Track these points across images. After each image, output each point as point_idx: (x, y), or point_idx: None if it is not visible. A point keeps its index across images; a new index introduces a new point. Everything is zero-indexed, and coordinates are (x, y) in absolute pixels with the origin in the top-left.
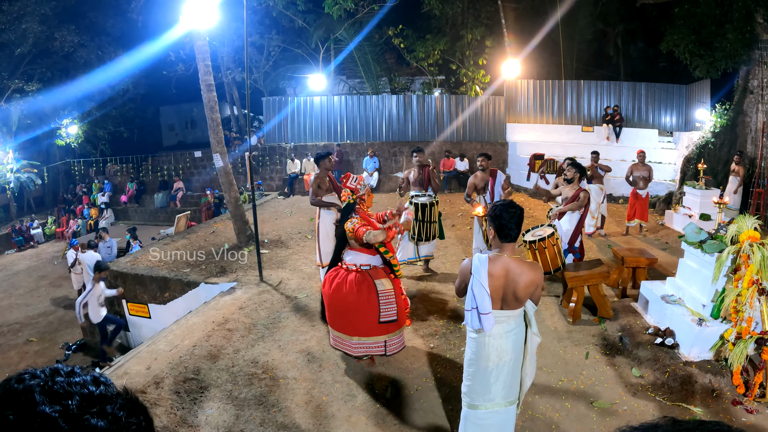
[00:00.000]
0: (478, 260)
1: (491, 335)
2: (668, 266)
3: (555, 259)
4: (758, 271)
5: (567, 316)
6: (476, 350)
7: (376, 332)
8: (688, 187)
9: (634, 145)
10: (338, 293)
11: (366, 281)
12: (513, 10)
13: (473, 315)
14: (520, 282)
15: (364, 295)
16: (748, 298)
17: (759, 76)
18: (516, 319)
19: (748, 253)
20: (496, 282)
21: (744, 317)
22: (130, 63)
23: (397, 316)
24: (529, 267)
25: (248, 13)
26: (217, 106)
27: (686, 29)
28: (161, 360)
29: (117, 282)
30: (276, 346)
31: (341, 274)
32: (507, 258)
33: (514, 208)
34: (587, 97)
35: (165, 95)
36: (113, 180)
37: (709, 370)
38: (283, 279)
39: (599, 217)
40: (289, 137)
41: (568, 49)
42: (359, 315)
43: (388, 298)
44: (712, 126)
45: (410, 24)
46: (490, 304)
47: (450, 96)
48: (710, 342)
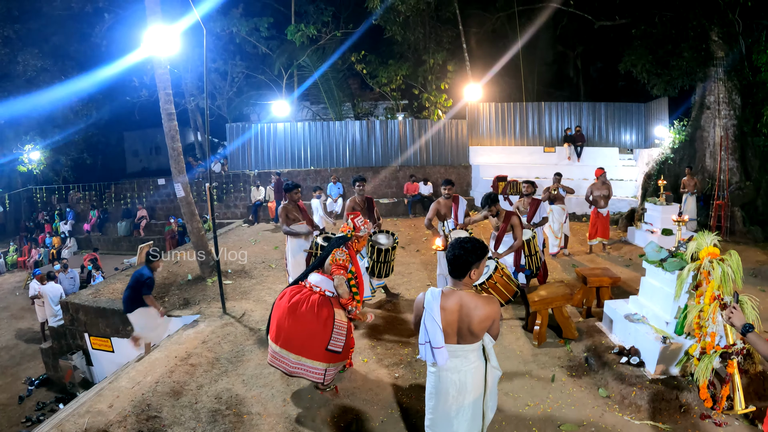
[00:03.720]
0: (431, 295)
1: (448, 369)
2: (632, 283)
3: (508, 286)
4: (719, 286)
5: (532, 339)
6: (435, 384)
7: (319, 358)
8: (649, 203)
9: (596, 163)
10: (295, 309)
11: (327, 306)
12: (474, 34)
13: (426, 349)
14: (475, 317)
15: (321, 320)
16: (710, 314)
17: (715, 92)
18: (474, 354)
19: (709, 269)
20: (450, 316)
21: (707, 332)
22: (93, 88)
23: (342, 349)
24: (485, 301)
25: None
26: (178, 135)
27: (643, 49)
28: (123, 397)
29: (79, 315)
30: (240, 381)
31: (304, 292)
32: (461, 292)
33: (469, 243)
34: (548, 118)
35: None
36: (76, 208)
37: (675, 386)
38: (246, 310)
39: (562, 237)
40: (252, 164)
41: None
42: (310, 336)
43: (341, 329)
44: (671, 142)
45: (373, 50)
46: (442, 338)
47: (413, 120)
48: (675, 358)
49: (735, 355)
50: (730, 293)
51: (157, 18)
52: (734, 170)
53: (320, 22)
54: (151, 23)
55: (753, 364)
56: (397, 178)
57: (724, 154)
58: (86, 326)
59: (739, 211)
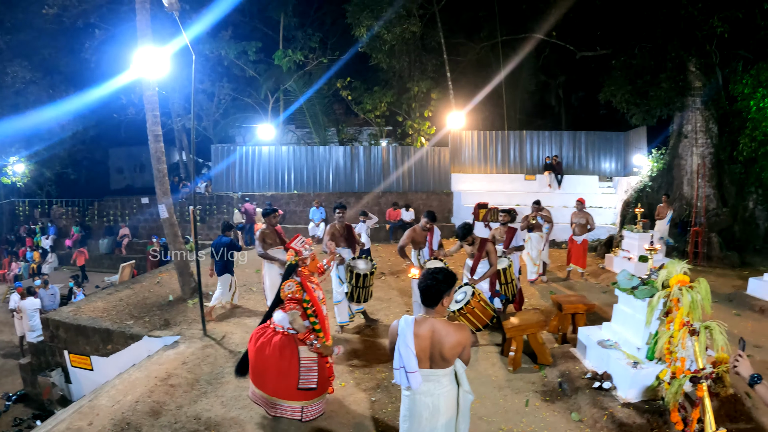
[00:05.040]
0: (404, 322)
1: (421, 393)
2: (609, 309)
3: (485, 311)
4: (688, 313)
5: (507, 364)
6: (409, 407)
7: (294, 397)
8: (627, 230)
9: (576, 191)
10: (261, 353)
11: (290, 346)
12: (458, 63)
13: (401, 373)
14: (446, 343)
15: (285, 360)
16: (680, 339)
17: (693, 122)
18: (446, 378)
19: (678, 296)
20: (423, 342)
21: (678, 357)
22: (80, 103)
23: (317, 384)
24: (456, 329)
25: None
26: (164, 157)
27: (623, 80)
28: (103, 416)
29: (59, 332)
30: (219, 402)
31: (267, 334)
32: (433, 320)
33: (440, 273)
34: (530, 146)
35: (115, 138)
36: (58, 223)
37: (646, 410)
38: (227, 333)
39: (541, 264)
40: (237, 186)
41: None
42: (279, 378)
43: (309, 365)
44: (650, 170)
45: (358, 76)
46: (415, 363)
47: (396, 147)
48: (646, 383)
49: (704, 379)
50: (699, 319)
51: (147, 39)
52: (711, 197)
53: (308, 47)
54: (142, 44)
55: (724, 387)
56: (380, 203)
57: (701, 181)
58: (66, 343)
59: (716, 237)
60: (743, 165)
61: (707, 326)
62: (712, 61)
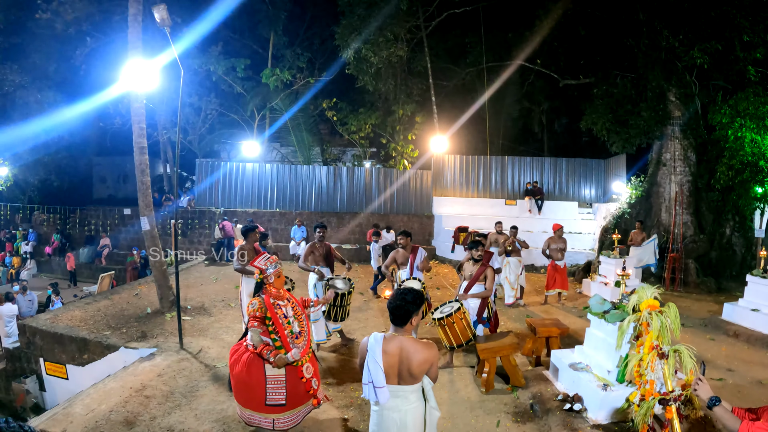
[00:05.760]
0: (374, 339)
1: (389, 408)
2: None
3: (465, 331)
4: (657, 336)
5: (480, 386)
6: (377, 422)
7: (264, 411)
8: (603, 256)
9: (556, 216)
10: (232, 370)
11: (255, 364)
12: (443, 88)
13: (370, 388)
14: (414, 360)
15: (253, 378)
16: (649, 362)
17: (671, 150)
18: (414, 394)
19: (648, 320)
20: (391, 359)
21: (647, 380)
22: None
23: (285, 400)
24: (423, 346)
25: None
26: (148, 170)
27: (604, 108)
28: (77, 424)
29: (35, 339)
30: (192, 415)
31: (240, 351)
32: (402, 338)
33: (409, 294)
34: (511, 171)
35: (100, 147)
36: (39, 229)
37: (616, 431)
38: (203, 347)
39: (518, 288)
40: (219, 202)
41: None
42: (249, 393)
43: (276, 383)
44: (629, 197)
45: (344, 97)
46: (383, 379)
47: (379, 168)
48: (616, 405)
49: (673, 401)
50: (668, 343)
51: (137, 52)
52: (689, 224)
53: (296, 67)
54: (132, 56)
55: (693, 409)
56: (361, 224)
57: (679, 208)
58: (42, 351)
59: (693, 263)
60: (720, 193)
61: (676, 350)
62: (692, 91)
